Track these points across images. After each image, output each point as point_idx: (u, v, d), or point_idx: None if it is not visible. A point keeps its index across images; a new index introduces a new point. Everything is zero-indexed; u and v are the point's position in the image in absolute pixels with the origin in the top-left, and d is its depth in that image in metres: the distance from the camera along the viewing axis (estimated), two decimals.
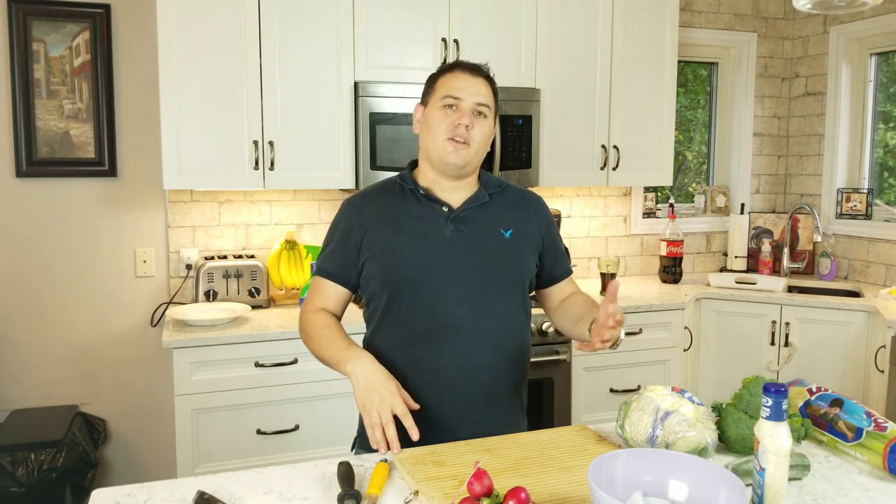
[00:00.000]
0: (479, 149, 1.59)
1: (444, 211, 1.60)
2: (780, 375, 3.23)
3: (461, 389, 1.57)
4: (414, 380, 1.55)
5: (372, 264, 1.58)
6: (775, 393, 1.14)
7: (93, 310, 2.97)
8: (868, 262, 3.61)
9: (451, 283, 1.56)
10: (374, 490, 1.24)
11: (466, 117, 1.55)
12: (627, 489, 1.13)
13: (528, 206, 1.70)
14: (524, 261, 1.65)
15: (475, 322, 1.56)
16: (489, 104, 1.59)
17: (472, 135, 1.56)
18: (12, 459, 2.50)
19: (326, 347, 1.55)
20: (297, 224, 3.17)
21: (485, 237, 1.60)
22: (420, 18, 2.92)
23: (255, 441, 2.58)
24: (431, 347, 1.56)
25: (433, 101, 1.60)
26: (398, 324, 1.58)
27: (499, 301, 1.59)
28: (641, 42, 3.31)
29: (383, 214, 1.61)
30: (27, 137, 2.82)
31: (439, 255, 1.57)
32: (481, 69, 1.62)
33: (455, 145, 1.55)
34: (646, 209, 3.82)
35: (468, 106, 1.56)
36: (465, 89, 1.57)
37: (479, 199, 1.63)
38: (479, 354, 1.57)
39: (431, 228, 1.58)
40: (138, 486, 1.28)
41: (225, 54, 2.68)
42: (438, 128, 1.57)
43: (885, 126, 3.69)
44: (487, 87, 1.60)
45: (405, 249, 1.57)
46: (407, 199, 1.62)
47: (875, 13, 3.48)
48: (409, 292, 1.56)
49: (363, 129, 2.81)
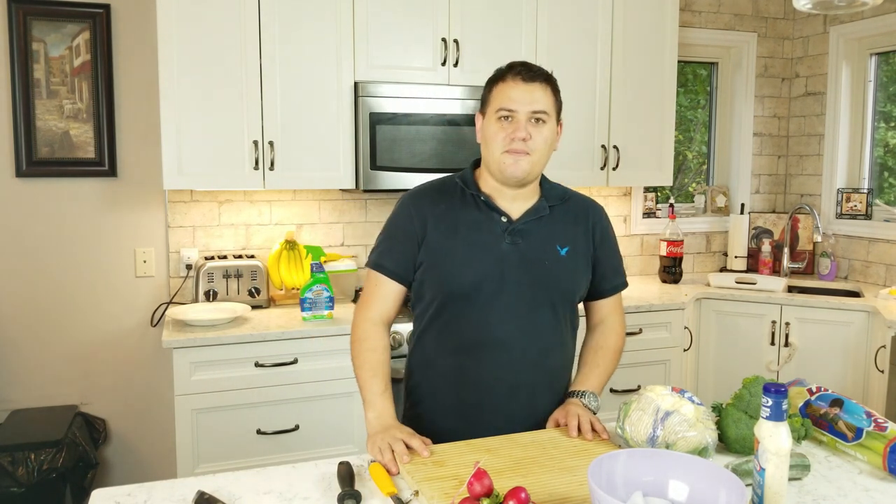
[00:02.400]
0: (540, 156, 1.56)
1: (502, 221, 1.58)
2: (780, 375, 3.23)
3: (502, 402, 1.58)
4: (456, 387, 1.57)
5: (426, 269, 1.58)
6: (775, 393, 1.14)
7: (93, 310, 2.97)
8: (868, 262, 3.61)
9: (502, 298, 1.55)
10: (390, 489, 1.24)
11: (522, 130, 1.52)
12: (627, 489, 1.13)
13: (586, 219, 1.66)
14: (577, 280, 1.63)
15: (521, 338, 1.57)
16: (547, 109, 1.54)
17: (531, 144, 1.53)
18: (12, 459, 2.50)
19: (363, 378, 1.55)
20: (297, 224, 3.17)
21: (541, 253, 1.58)
22: (420, 18, 2.92)
23: (255, 441, 2.58)
24: (476, 359, 1.57)
25: (489, 112, 1.57)
26: (445, 332, 1.58)
27: (546, 318, 1.59)
28: (641, 42, 3.31)
29: (443, 217, 1.59)
30: (27, 137, 2.82)
31: (494, 268, 1.55)
32: (535, 72, 1.56)
33: (514, 156, 1.52)
34: (646, 209, 3.82)
35: (523, 117, 1.52)
36: (518, 100, 1.52)
37: (539, 212, 1.60)
38: (522, 370, 1.58)
39: (489, 239, 1.57)
40: (138, 486, 1.28)
41: (225, 54, 2.68)
42: (495, 141, 1.54)
43: (886, 126, 3.69)
44: (544, 89, 1.55)
45: (461, 259, 1.56)
46: (467, 205, 1.60)
47: (875, 13, 3.48)
48: (460, 303, 1.56)
49: (363, 129, 2.81)
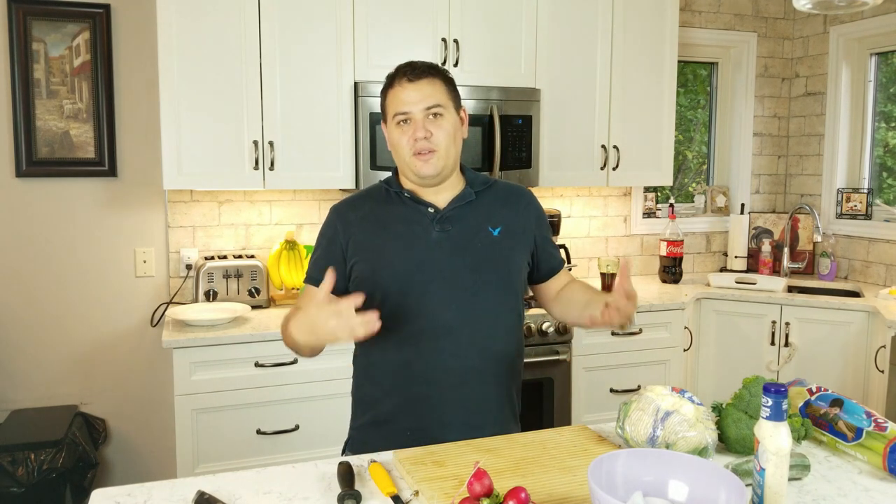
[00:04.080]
0: (447, 149, 1.55)
1: (429, 212, 1.58)
2: (780, 375, 3.23)
3: (451, 392, 1.56)
4: (405, 383, 1.55)
5: (359, 269, 1.57)
6: (775, 393, 1.14)
7: (93, 310, 2.97)
8: (868, 262, 3.61)
9: (439, 285, 1.54)
10: (390, 489, 1.24)
11: (421, 129, 1.52)
12: (627, 489, 1.13)
13: (517, 201, 1.66)
14: (514, 259, 1.62)
15: (464, 323, 1.55)
16: (440, 102, 1.53)
17: (434, 140, 1.53)
18: (12, 459, 2.50)
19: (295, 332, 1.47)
20: (297, 224, 3.17)
21: (472, 236, 1.58)
22: (420, 18, 2.92)
23: (255, 441, 2.58)
24: (420, 350, 1.55)
25: (388, 119, 1.57)
26: (387, 327, 1.54)
27: (488, 301, 1.58)
28: (641, 42, 3.31)
29: (368, 218, 1.59)
30: (27, 137, 2.82)
31: (426, 256, 1.55)
32: (421, 71, 1.54)
33: (422, 158, 1.53)
34: (646, 209, 3.82)
35: (419, 115, 1.52)
36: (409, 101, 1.52)
37: (465, 198, 1.60)
38: (468, 356, 1.56)
39: (418, 230, 1.57)
40: (138, 486, 1.28)
41: (225, 54, 2.69)
42: (400, 146, 1.55)
43: (886, 126, 3.69)
44: (432, 84, 1.54)
45: (392, 252, 1.56)
46: (392, 203, 1.60)
47: (875, 13, 3.48)
48: (397, 295, 1.54)
49: (363, 128, 2.81)
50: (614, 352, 3.08)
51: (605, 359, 3.06)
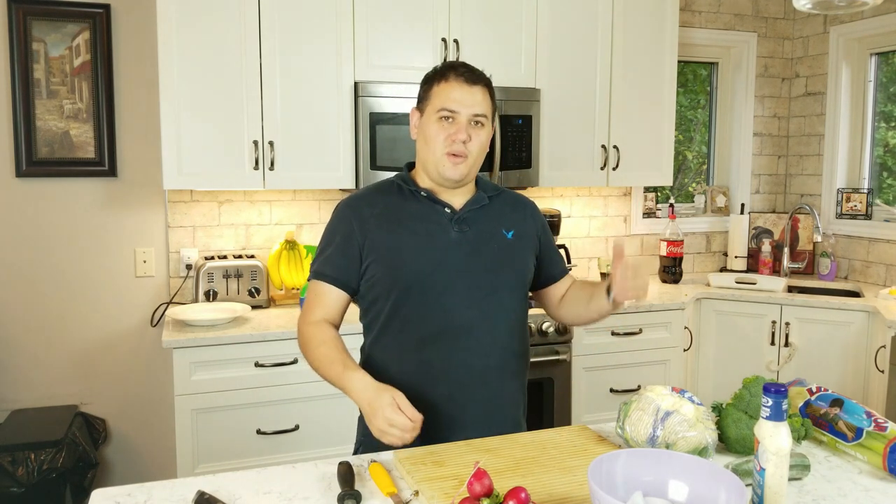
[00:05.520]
0: (477, 158, 1.57)
1: (447, 212, 1.58)
2: (780, 375, 3.23)
3: (472, 391, 1.56)
4: (424, 383, 1.53)
5: (375, 268, 1.55)
6: (775, 393, 1.14)
7: (93, 310, 2.97)
8: (868, 262, 3.61)
9: (459, 284, 1.55)
10: (390, 489, 1.24)
11: (463, 132, 1.52)
12: (627, 489, 1.13)
13: (523, 209, 1.71)
14: (527, 261, 1.66)
15: (483, 323, 1.56)
16: (486, 113, 1.56)
17: (469, 147, 1.54)
18: (12, 459, 2.50)
19: (326, 368, 1.49)
20: (297, 224, 3.17)
21: (489, 238, 1.60)
22: (420, 18, 2.92)
23: (255, 441, 2.58)
24: (441, 349, 1.54)
25: (429, 109, 1.56)
26: (405, 327, 1.55)
27: (504, 301, 1.59)
28: (641, 42, 3.31)
29: (385, 216, 1.58)
30: (27, 137, 2.82)
31: (446, 256, 1.55)
32: (477, 76, 1.56)
33: (454, 160, 1.53)
34: (646, 209, 3.82)
35: (465, 119, 1.53)
36: (461, 101, 1.53)
37: (479, 202, 1.62)
38: (490, 354, 1.57)
39: (436, 229, 1.57)
40: (138, 486, 1.28)
41: (225, 54, 2.68)
42: (436, 141, 1.54)
43: (886, 126, 3.69)
44: (484, 94, 1.55)
45: (411, 250, 1.55)
46: (407, 200, 1.60)
47: (875, 13, 3.48)
48: (417, 294, 1.53)
49: (363, 129, 2.81)
50: (614, 352, 3.08)
51: (605, 359, 3.06)
